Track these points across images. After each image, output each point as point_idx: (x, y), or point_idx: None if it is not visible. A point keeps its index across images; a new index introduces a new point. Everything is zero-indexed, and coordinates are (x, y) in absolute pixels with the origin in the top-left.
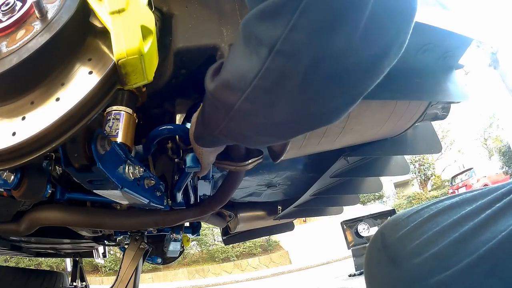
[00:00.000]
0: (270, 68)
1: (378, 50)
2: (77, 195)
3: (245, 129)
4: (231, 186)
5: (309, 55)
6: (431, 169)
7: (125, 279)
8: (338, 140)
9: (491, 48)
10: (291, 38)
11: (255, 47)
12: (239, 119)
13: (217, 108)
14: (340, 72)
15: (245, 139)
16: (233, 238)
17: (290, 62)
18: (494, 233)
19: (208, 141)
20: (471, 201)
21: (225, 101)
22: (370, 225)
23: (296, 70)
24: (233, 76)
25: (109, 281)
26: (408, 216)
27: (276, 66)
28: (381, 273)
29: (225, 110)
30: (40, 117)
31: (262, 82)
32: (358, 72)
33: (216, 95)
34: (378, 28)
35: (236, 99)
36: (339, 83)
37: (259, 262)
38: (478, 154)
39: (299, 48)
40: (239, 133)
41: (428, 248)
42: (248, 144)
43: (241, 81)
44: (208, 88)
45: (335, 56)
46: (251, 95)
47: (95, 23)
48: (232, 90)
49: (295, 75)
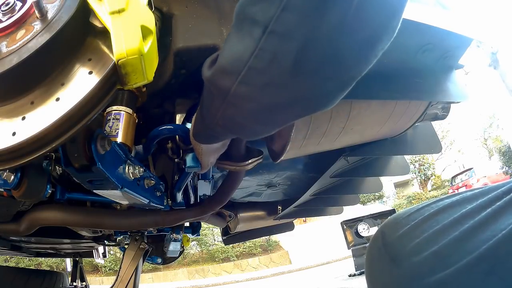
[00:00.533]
0: (263, 49)
1: (371, 32)
2: (77, 195)
3: (241, 116)
4: (231, 186)
5: (301, 35)
6: (431, 169)
7: (125, 279)
8: (338, 140)
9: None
10: (283, 17)
11: (249, 28)
12: (235, 105)
13: (214, 96)
14: (332, 53)
15: (241, 129)
16: (233, 238)
17: (282, 42)
18: (494, 231)
19: (206, 136)
20: (471, 200)
21: (221, 86)
22: (370, 225)
23: (288, 50)
24: (228, 59)
25: (109, 281)
26: (408, 215)
27: (270, 46)
28: (381, 272)
29: (222, 96)
30: (40, 117)
31: (256, 62)
32: (350, 54)
33: (213, 82)
34: (371, 9)
35: (231, 83)
36: (331, 65)
37: (259, 262)
38: (478, 154)
39: (291, 28)
40: (236, 122)
41: (428, 247)
42: (244, 135)
43: (235, 63)
44: (205, 76)
45: (326, 37)
46: (246, 77)
47: (95, 23)
48: (228, 74)
49: (288, 56)
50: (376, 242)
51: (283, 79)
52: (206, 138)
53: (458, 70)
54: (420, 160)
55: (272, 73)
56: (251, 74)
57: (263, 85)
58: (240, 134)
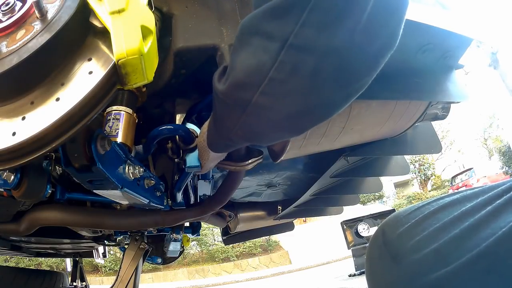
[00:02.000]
0: (284, 61)
1: (381, 41)
2: (77, 195)
3: (261, 125)
4: (231, 186)
5: (318, 47)
6: (431, 169)
7: (125, 279)
8: (338, 140)
9: (491, 48)
10: (302, 33)
11: (264, 43)
12: (255, 115)
13: (231, 107)
14: (347, 62)
15: (260, 137)
16: (233, 238)
17: (302, 55)
18: (494, 229)
19: (222, 146)
20: (472, 198)
21: (241, 99)
22: (370, 225)
23: (307, 62)
24: (245, 73)
25: (109, 281)
26: (409, 213)
27: (290, 59)
28: (382, 270)
29: (241, 108)
30: (40, 117)
31: (277, 74)
32: (363, 62)
33: (230, 95)
34: (378, 25)
35: (251, 95)
36: (346, 73)
37: (259, 262)
38: (478, 154)
39: (309, 41)
40: (255, 131)
41: (428, 244)
42: (263, 142)
43: (255, 75)
44: (219, 91)
45: (342, 48)
46: (267, 88)
47: (95, 23)
48: (246, 87)
49: (307, 66)
50: (376, 240)
51: (303, 88)
52: (222, 148)
53: (458, 70)
54: (420, 160)
55: (292, 83)
56: (272, 85)
57: (284, 94)
58: (259, 142)
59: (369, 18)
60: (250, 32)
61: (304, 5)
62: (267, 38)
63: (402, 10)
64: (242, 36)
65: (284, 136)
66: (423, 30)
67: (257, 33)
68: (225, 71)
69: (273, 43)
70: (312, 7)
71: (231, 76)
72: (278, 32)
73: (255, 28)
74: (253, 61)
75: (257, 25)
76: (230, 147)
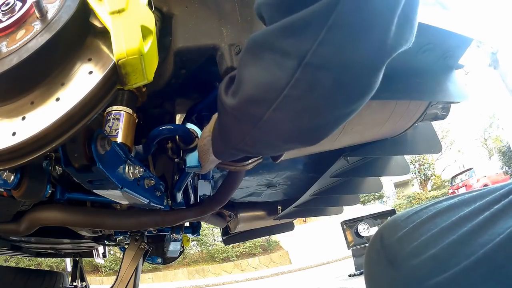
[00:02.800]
0: (300, 79)
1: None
2: (77, 195)
3: (273, 138)
4: (231, 186)
5: (336, 65)
6: (431, 169)
7: (125, 279)
8: (338, 140)
9: (491, 48)
10: (320, 51)
11: (279, 60)
12: (267, 129)
13: (241, 122)
14: (364, 78)
15: (271, 148)
16: (233, 238)
17: (320, 73)
18: (492, 235)
19: (229, 155)
20: (470, 203)
21: (252, 114)
22: (370, 225)
23: (325, 79)
24: (258, 89)
25: (109, 281)
26: (407, 217)
27: (306, 77)
28: (380, 274)
29: (252, 122)
30: (40, 117)
31: (293, 91)
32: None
33: (241, 110)
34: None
35: (264, 111)
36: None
37: (259, 262)
38: (478, 154)
39: (328, 59)
40: (266, 143)
41: (426, 250)
42: (272, 153)
43: (269, 92)
44: (227, 105)
45: (359, 65)
46: (281, 105)
47: (95, 23)
48: (259, 103)
49: (324, 83)
50: (374, 244)
51: (318, 105)
52: (230, 156)
53: (458, 70)
54: (420, 160)
55: (308, 99)
56: (287, 102)
57: (299, 110)
58: (268, 153)
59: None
60: (263, 47)
61: (322, 23)
62: (282, 55)
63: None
64: (253, 50)
65: (296, 147)
66: (423, 30)
67: (271, 49)
68: (231, 82)
69: (289, 61)
70: (331, 26)
71: (241, 91)
72: (294, 50)
73: (269, 44)
74: (267, 78)
75: (271, 41)
76: (237, 155)
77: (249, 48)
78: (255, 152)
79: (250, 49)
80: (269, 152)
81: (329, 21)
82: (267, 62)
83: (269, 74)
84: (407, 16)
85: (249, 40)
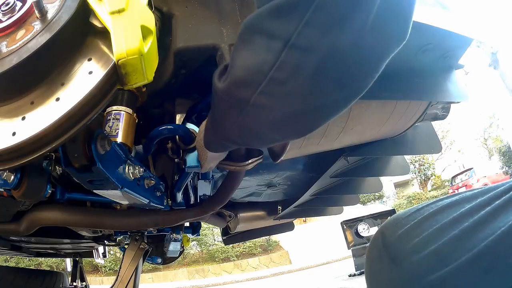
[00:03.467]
0: (285, 61)
1: (384, 47)
2: (77, 195)
3: (260, 125)
4: (231, 186)
5: (322, 48)
6: (431, 169)
7: (125, 279)
8: (338, 140)
9: (491, 48)
10: (305, 33)
11: (266, 42)
12: (254, 114)
13: (230, 106)
14: (351, 64)
15: (258, 138)
16: (233, 238)
17: (304, 55)
18: (493, 229)
19: (219, 146)
20: (471, 199)
21: (239, 97)
22: (370, 225)
23: (310, 62)
24: (245, 71)
25: (109, 281)
26: (408, 215)
27: (291, 59)
28: (381, 272)
29: (239, 107)
30: (40, 117)
31: (278, 74)
32: (368, 64)
33: (229, 93)
34: (385, 26)
35: (250, 94)
36: (350, 74)
37: (259, 262)
38: (478, 154)
39: (312, 42)
40: (254, 132)
41: (427, 246)
42: (260, 144)
43: (255, 75)
44: (218, 88)
45: (346, 49)
46: (267, 88)
47: (95, 23)
48: (246, 86)
49: (309, 67)
50: (376, 242)
51: (303, 89)
52: (219, 148)
53: (458, 70)
54: (420, 160)
55: (293, 83)
56: (272, 85)
57: (284, 94)
58: (257, 144)
59: (376, 19)
60: (253, 30)
61: (308, 4)
62: (269, 37)
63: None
64: (244, 34)
65: (283, 139)
66: (423, 30)
67: (260, 32)
68: (225, 69)
69: (275, 42)
70: (316, 7)
71: (231, 74)
72: (280, 31)
73: (258, 26)
74: (254, 60)
75: (260, 23)
76: (227, 147)
77: (241, 33)
78: (243, 143)
79: (242, 34)
80: (257, 143)
81: (315, 2)
82: (256, 45)
83: (257, 57)
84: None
85: (241, 25)
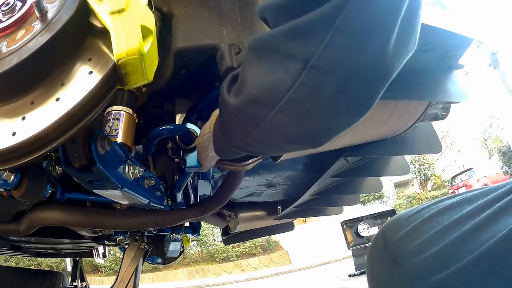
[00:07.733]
0: (304, 82)
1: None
2: (77, 195)
3: (275, 139)
4: (231, 186)
5: (341, 69)
6: (431, 169)
7: (125, 279)
8: (338, 140)
9: (491, 48)
10: (325, 54)
11: (283, 62)
12: (269, 131)
13: (244, 122)
14: (369, 82)
15: (273, 148)
16: (233, 238)
17: (324, 76)
18: (494, 232)
19: (230, 153)
20: (472, 201)
21: (255, 115)
22: (370, 225)
23: (329, 83)
24: (261, 91)
25: (109, 281)
26: (409, 216)
27: (311, 80)
28: (382, 273)
29: (255, 123)
30: (40, 117)
31: (297, 94)
32: (381, 83)
33: (243, 111)
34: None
35: (267, 112)
36: (368, 91)
37: (259, 262)
38: (478, 154)
39: (333, 63)
40: (268, 143)
41: (429, 247)
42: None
43: (272, 94)
44: (229, 104)
45: (364, 70)
46: (285, 107)
47: (95, 23)
48: (262, 104)
49: (329, 87)
50: (377, 243)
51: (322, 109)
52: (230, 155)
53: (458, 70)
54: (420, 160)
55: (312, 103)
56: (290, 104)
57: (302, 113)
58: (271, 153)
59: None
60: (267, 49)
61: (329, 25)
62: (287, 57)
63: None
64: (257, 51)
65: (297, 149)
66: (423, 30)
67: (276, 51)
68: (234, 80)
69: (294, 63)
70: (337, 28)
71: (244, 91)
72: (299, 52)
73: (273, 46)
74: (271, 79)
75: (275, 43)
76: (238, 154)
77: (253, 48)
78: (257, 152)
79: (253, 50)
80: (270, 152)
81: (335, 24)
82: (271, 64)
83: (273, 76)
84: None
85: (252, 41)
